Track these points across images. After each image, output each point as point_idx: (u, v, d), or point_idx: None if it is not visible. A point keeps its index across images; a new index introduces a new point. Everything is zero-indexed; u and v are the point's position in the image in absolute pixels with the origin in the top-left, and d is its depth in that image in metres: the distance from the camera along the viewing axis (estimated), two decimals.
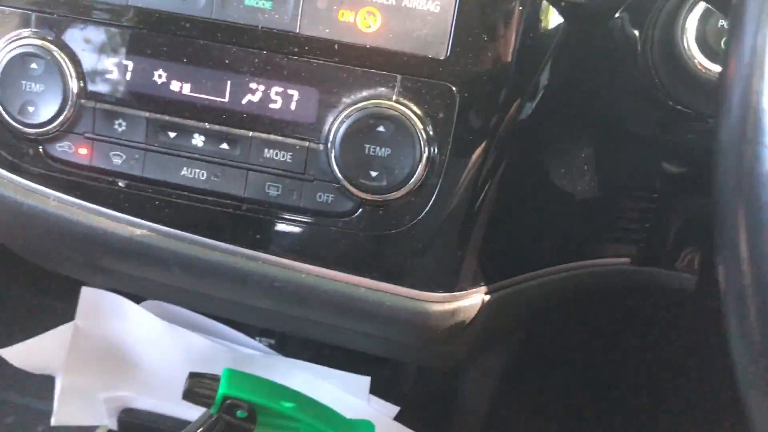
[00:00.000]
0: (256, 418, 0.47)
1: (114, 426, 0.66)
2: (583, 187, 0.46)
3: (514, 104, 0.41)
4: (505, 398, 0.60)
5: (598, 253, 0.48)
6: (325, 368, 0.54)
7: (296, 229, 0.42)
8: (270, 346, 0.57)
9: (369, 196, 0.41)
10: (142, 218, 0.44)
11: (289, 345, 0.57)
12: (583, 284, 0.48)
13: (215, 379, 0.47)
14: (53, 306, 0.68)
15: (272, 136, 0.41)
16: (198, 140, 0.42)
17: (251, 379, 0.48)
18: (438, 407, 0.59)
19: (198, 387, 0.46)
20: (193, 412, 0.51)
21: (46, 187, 0.44)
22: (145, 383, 0.61)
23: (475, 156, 0.41)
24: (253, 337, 0.57)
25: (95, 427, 1.04)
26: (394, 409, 0.55)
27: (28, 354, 0.57)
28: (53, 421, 0.64)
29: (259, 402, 0.47)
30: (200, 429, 0.48)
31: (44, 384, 1.07)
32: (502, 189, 0.42)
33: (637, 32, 0.44)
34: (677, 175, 0.48)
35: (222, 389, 0.46)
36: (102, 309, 0.53)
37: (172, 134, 0.42)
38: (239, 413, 0.47)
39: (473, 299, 0.44)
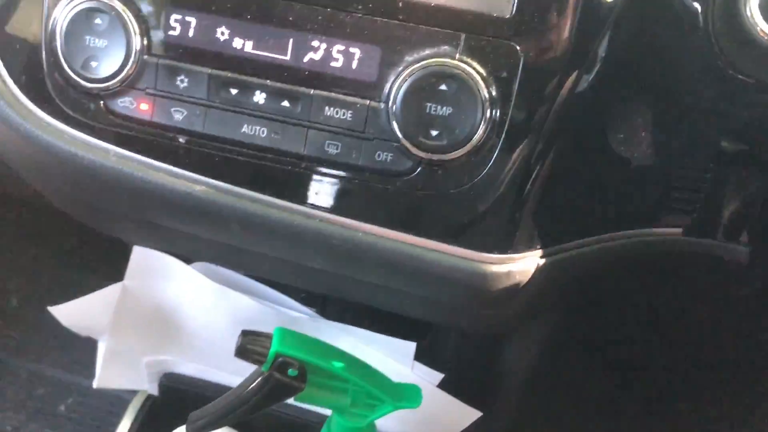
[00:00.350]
0: (306, 377, 0.48)
1: (154, 391, 0.67)
2: (640, 154, 0.45)
3: (576, 67, 0.41)
4: (546, 371, 0.60)
5: (651, 222, 0.48)
6: (370, 333, 0.55)
7: (354, 188, 0.43)
8: (313, 310, 0.57)
9: (428, 156, 0.41)
10: (201, 174, 0.44)
11: (332, 309, 0.57)
12: (635, 254, 0.48)
13: (268, 337, 0.47)
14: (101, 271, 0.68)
15: (333, 94, 0.41)
16: (259, 97, 0.42)
17: (303, 339, 0.48)
18: (479, 376, 0.59)
19: (251, 344, 0.47)
20: (234, 378, 0.52)
21: (107, 142, 0.45)
22: (189, 347, 0.62)
23: (536, 117, 0.41)
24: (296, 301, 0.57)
25: (125, 399, 1.06)
26: (438, 376, 0.55)
27: (77, 313, 0.58)
28: (95, 384, 0.65)
29: (310, 361, 0.47)
30: (251, 386, 0.48)
31: (74, 357, 1.10)
32: (561, 152, 0.42)
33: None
34: (736, 147, 0.48)
35: (274, 347, 0.47)
36: (151, 269, 0.54)
37: (233, 91, 0.43)
38: (290, 371, 0.47)
39: (528, 262, 0.44)
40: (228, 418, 0.50)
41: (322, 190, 0.43)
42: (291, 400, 0.62)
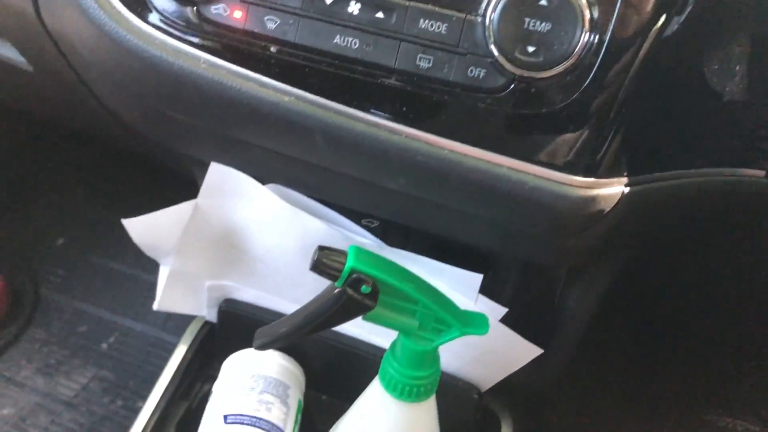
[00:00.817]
0: (377, 296, 0.48)
1: (212, 318, 0.68)
2: (731, 89, 0.45)
3: None
4: (601, 320, 0.60)
5: (736, 161, 0.47)
6: (437, 262, 0.55)
7: (444, 104, 0.43)
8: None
9: (522, 73, 0.41)
10: (290, 84, 0.44)
11: (397, 240, 0.57)
12: (715, 193, 0.47)
13: (343, 253, 0.47)
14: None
15: (429, 6, 0.41)
16: (354, 8, 0.42)
17: (376, 258, 0.48)
18: (538, 316, 0.59)
19: (326, 258, 0.47)
20: (293, 308, 0.52)
21: (198, 49, 0.45)
22: (252, 272, 0.62)
23: (636, 40, 0.40)
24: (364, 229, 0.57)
25: (166, 341, 1.08)
26: (502, 311, 0.56)
27: (147, 228, 0.58)
28: (155, 306, 0.66)
29: (383, 279, 0.48)
30: (324, 302, 0.49)
31: (117, 298, 1.11)
32: (656, 78, 0.42)
33: None
34: None
35: (350, 262, 0.47)
36: (225, 187, 0.54)
37: (327, 0, 0.43)
38: (363, 288, 0.48)
39: (614, 189, 0.43)
40: (295, 334, 0.51)
41: (411, 105, 0.43)
42: (352, 329, 0.63)
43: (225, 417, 0.58)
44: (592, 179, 0.42)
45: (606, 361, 0.71)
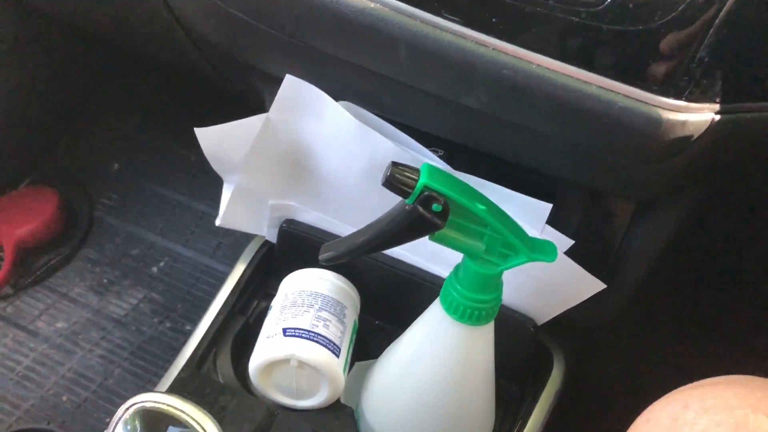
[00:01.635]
0: (447, 216, 0.48)
1: (272, 238, 0.69)
2: None
3: None
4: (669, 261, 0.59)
5: None
6: (505, 189, 0.54)
7: (536, 17, 0.41)
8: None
9: None
10: None
11: (461, 167, 0.56)
12: None
13: (416, 170, 0.47)
14: None
15: None
16: None
17: (449, 177, 0.48)
18: (602, 252, 0.58)
19: (399, 174, 0.47)
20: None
21: None
22: (316, 193, 0.62)
23: None
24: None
25: (214, 268, 1.10)
26: (568, 242, 0.55)
27: (218, 138, 0.59)
28: (218, 222, 0.67)
29: (454, 198, 0.47)
30: (393, 218, 0.49)
31: (168, 224, 1.13)
32: (757, 4, 0.40)
33: None
34: None
35: (423, 179, 0.47)
36: (298, 102, 0.54)
37: None
38: (434, 207, 0.47)
39: (704, 116, 0.42)
40: (361, 250, 0.51)
41: (501, 16, 0.42)
42: (410, 256, 0.63)
43: (284, 330, 0.59)
44: (683, 103, 0.41)
45: (660, 308, 0.70)
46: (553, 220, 0.56)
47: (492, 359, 0.56)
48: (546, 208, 0.54)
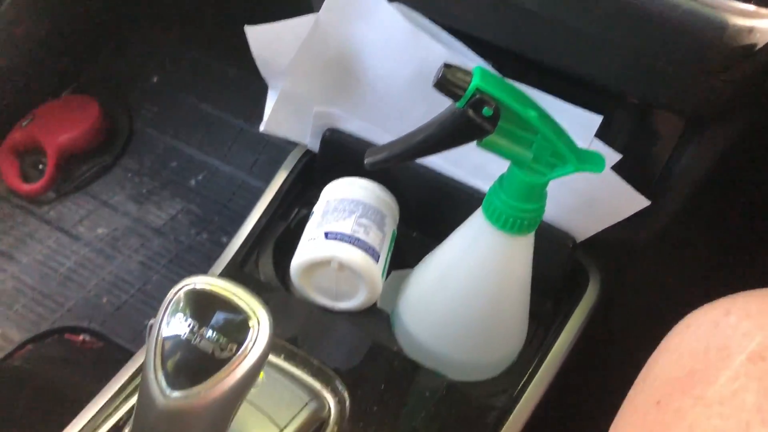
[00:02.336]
0: (497, 121, 0.48)
1: (314, 147, 0.69)
2: None
3: None
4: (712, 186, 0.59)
5: None
6: (554, 98, 0.54)
7: None
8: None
9: None
10: None
11: (510, 74, 0.56)
12: None
13: (468, 72, 0.47)
14: None
15: None
16: None
17: (501, 81, 0.48)
18: (648, 169, 0.58)
19: (451, 76, 0.46)
20: None
21: None
22: (362, 101, 0.62)
23: None
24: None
25: (250, 184, 1.11)
26: (616, 157, 0.55)
27: (267, 37, 0.58)
28: (261, 128, 0.67)
29: (506, 103, 0.47)
30: (443, 120, 0.49)
31: (206, 138, 1.14)
32: None
33: None
34: None
35: (475, 81, 0.46)
36: (350, 1, 0.54)
37: None
38: (485, 111, 0.47)
39: None
40: (407, 154, 0.51)
41: None
42: (452, 169, 0.63)
43: (326, 233, 0.60)
44: (752, 8, 0.40)
45: (699, 233, 0.70)
46: (600, 135, 0.55)
47: (529, 271, 0.57)
48: (596, 120, 0.53)
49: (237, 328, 0.41)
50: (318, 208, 0.64)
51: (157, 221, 1.06)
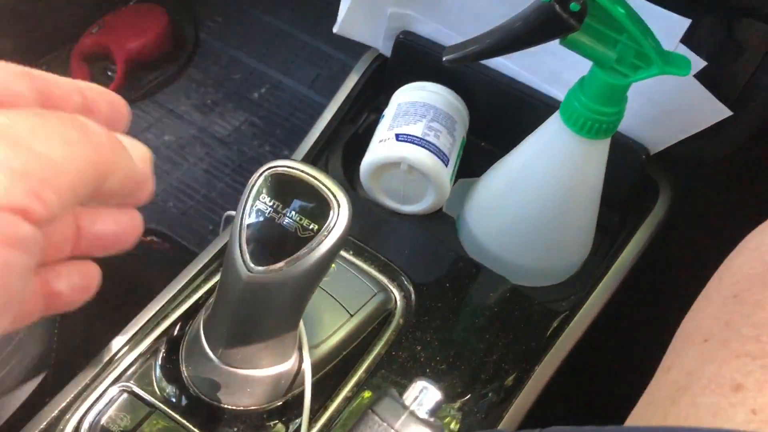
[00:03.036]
0: (584, 18, 0.47)
1: (387, 52, 0.69)
2: None
3: None
4: None
5: None
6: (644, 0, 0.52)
7: None
8: None
9: None
10: None
11: None
12: None
13: None
14: None
15: None
16: None
17: None
18: (730, 81, 0.56)
19: None
20: None
21: None
22: (439, 2, 0.62)
23: None
24: None
25: (308, 97, 1.12)
26: (700, 63, 0.53)
27: None
28: (335, 29, 0.67)
29: None
30: (528, 15, 0.48)
31: (269, 51, 1.15)
32: None
33: None
34: None
35: None
36: None
37: None
38: (572, 6, 0.46)
39: None
40: (488, 50, 0.51)
41: None
42: (527, 75, 0.63)
43: (397, 135, 0.61)
44: None
45: None
46: (685, 41, 0.54)
47: (602, 178, 0.56)
48: (683, 23, 0.52)
49: (318, 210, 0.42)
50: (389, 112, 0.64)
51: (221, 131, 1.08)
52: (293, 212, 0.42)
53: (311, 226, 0.42)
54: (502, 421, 0.50)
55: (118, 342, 0.52)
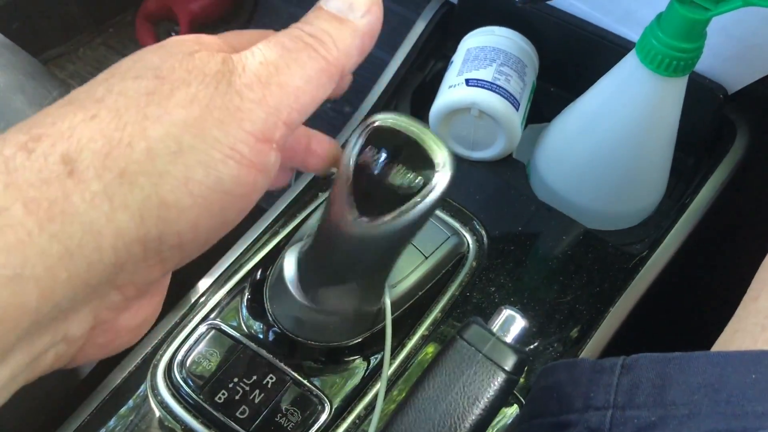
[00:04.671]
0: None
1: None
2: None
3: None
4: None
5: None
6: None
7: None
8: None
9: None
10: None
11: None
12: None
13: None
14: None
15: None
16: None
17: None
18: None
19: None
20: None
21: None
22: None
23: None
24: None
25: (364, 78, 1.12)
26: None
27: None
28: None
29: None
30: None
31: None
32: None
33: None
34: None
35: None
36: None
37: None
38: None
39: None
40: None
41: None
42: (600, 16, 0.61)
43: (467, 80, 0.61)
44: None
45: None
46: None
47: (678, 119, 0.56)
48: None
49: (423, 164, 0.42)
50: (458, 57, 0.64)
51: None
52: (399, 166, 0.42)
53: (417, 181, 0.42)
54: (581, 353, 0.51)
55: (204, 283, 0.54)
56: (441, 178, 0.41)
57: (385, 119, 0.43)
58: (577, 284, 0.56)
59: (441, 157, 0.42)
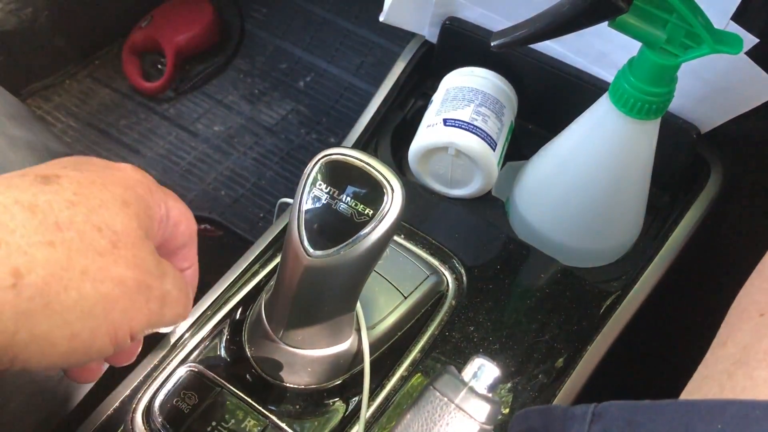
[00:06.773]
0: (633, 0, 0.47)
1: (432, 38, 0.70)
2: None
3: None
4: None
5: None
6: None
7: None
8: None
9: None
10: None
11: None
12: None
13: None
14: None
15: None
16: None
17: None
18: None
19: None
20: None
21: None
22: None
23: None
24: None
25: (354, 85, 1.13)
26: (752, 41, 0.53)
27: None
28: (381, 18, 0.68)
29: None
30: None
31: (314, 40, 1.16)
32: None
33: None
34: None
35: None
36: None
37: None
38: None
39: None
40: (536, 34, 0.51)
41: None
42: (574, 57, 0.63)
43: (445, 120, 0.62)
44: None
45: None
46: (736, 18, 0.53)
47: (651, 159, 0.57)
48: (733, 0, 0.52)
49: (372, 194, 0.44)
50: (437, 97, 0.65)
51: (268, 120, 1.10)
52: (349, 198, 0.44)
53: (366, 211, 0.43)
54: (555, 398, 0.51)
55: (183, 325, 0.55)
56: (392, 209, 0.43)
57: (335, 153, 0.45)
58: (555, 322, 0.56)
59: (391, 188, 0.43)
